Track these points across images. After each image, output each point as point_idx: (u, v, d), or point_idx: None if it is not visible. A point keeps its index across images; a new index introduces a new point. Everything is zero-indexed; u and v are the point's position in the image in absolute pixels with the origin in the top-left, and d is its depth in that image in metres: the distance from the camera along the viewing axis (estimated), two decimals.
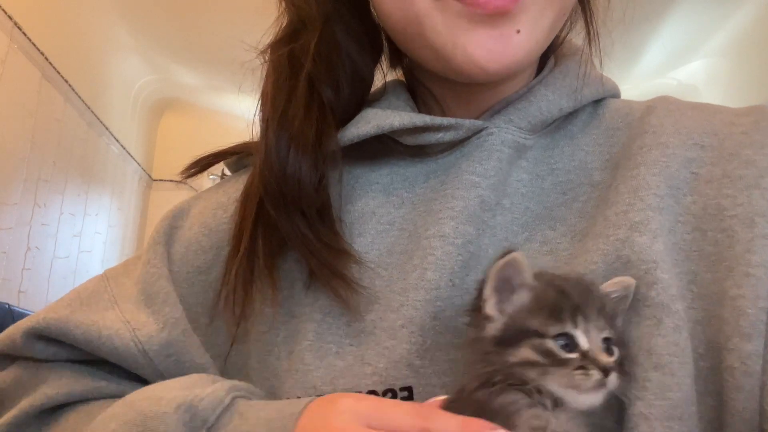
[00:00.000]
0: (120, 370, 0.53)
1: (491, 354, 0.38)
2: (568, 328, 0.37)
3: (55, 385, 0.51)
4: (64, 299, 0.56)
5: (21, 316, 1.84)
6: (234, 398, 0.43)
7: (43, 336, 0.52)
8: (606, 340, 0.38)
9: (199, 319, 0.55)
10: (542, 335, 0.37)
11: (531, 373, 0.37)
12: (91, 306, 0.54)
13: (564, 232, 0.49)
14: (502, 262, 0.39)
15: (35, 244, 2.81)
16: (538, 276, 0.40)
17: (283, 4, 0.55)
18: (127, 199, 4.02)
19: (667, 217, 0.45)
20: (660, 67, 3.56)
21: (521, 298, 0.39)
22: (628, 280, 0.41)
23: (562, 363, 0.36)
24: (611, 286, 0.41)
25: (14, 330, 0.53)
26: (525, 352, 0.37)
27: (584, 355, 0.36)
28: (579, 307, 0.37)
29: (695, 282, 0.44)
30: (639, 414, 0.39)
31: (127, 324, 0.51)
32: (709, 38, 3.29)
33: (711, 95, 3.51)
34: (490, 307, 0.39)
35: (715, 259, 0.43)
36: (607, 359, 0.36)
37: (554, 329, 0.37)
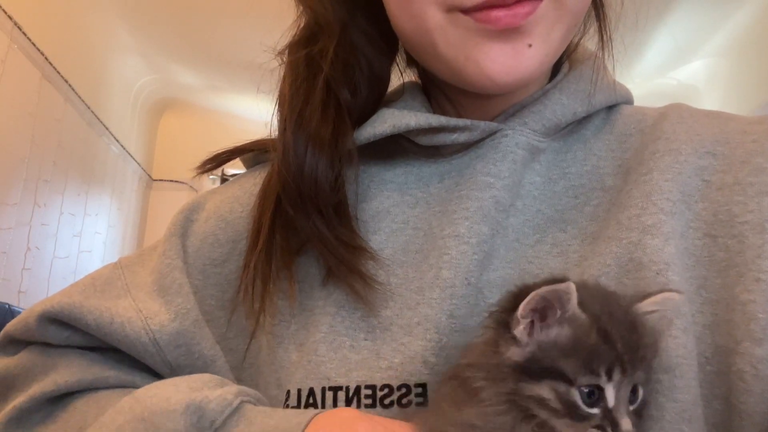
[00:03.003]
0: (129, 359, 0.53)
1: (504, 378, 0.34)
2: (601, 382, 0.33)
3: (66, 373, 0.52)
4: (78, 284, 0.56)
5: None
6: (242, 402, 0.43)
7: (56, 320, 0.53)
8: (634, 387, 0.35)
9: (212, 311, 0.55)
10: (570, 382, 0.33)
11: (541, 413, 0.34)
12: (104, 293, 0.55)
13: (575, 234, 0.49)
14: (550, 288, 0.34)
15: (35, 244, 2.80)
16: (584, 305, 0.35)
17: (300, 7, 0.56)
18: (127, 199, 4.02)
19: (679, 222, 0.46)
20: (660, 67, 3.56)
21: (559, 332, 0.35)
22: (672, 296, 0.37)
23: (582, 417, 0.33)
24: (652, 304, 0.36)
25: (28, 314, 0.54)
26: (544, 392, 0.34)
27: (606, 412, 0.33)
28: (620, 358, 0.34)
29: (705, 287, 0.44)
30: (649, 416, 0.39)
31: (140, 313, 0.52)
32: (709, 38, 3.29)
33: (711, 95, 3.51)
34: (519, 331, 0.35)
35: (725, 264, 0.44)
36: (627, 426, 0.33)
37: (585, 379, 0.33)
